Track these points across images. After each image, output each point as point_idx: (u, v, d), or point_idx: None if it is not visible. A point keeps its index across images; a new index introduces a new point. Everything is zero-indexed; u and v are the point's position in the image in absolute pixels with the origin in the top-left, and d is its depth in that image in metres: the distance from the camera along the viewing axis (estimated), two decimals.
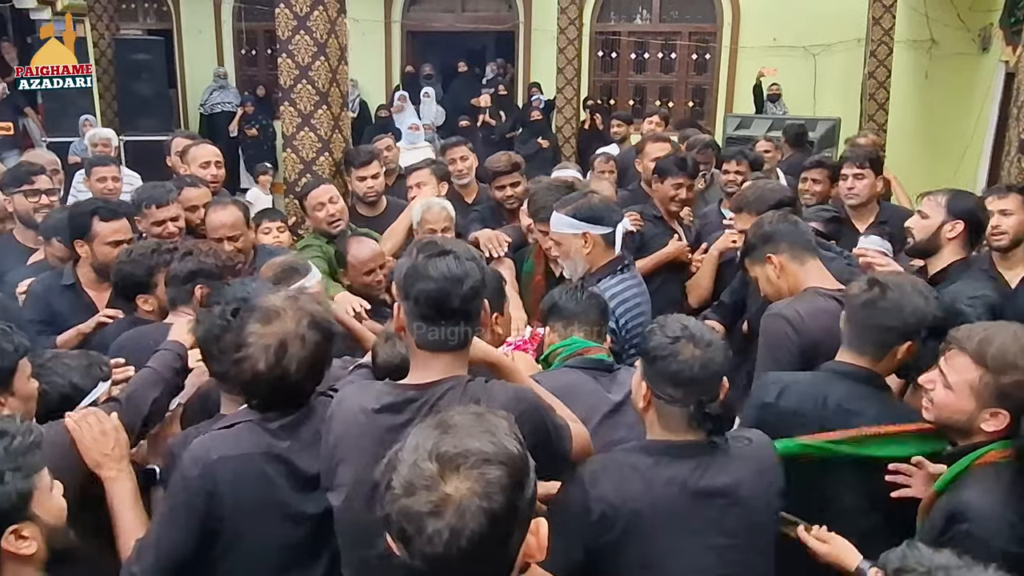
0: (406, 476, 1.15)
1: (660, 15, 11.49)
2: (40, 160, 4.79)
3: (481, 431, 1.19)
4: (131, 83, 10.91)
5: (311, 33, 4.29)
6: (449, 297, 1.71)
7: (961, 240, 2.91)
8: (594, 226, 2.83)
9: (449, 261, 1.72)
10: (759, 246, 2.77)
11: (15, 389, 1.96)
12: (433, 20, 12.28)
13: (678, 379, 1.84)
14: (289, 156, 4.49)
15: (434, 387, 1.73)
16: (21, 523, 1.46)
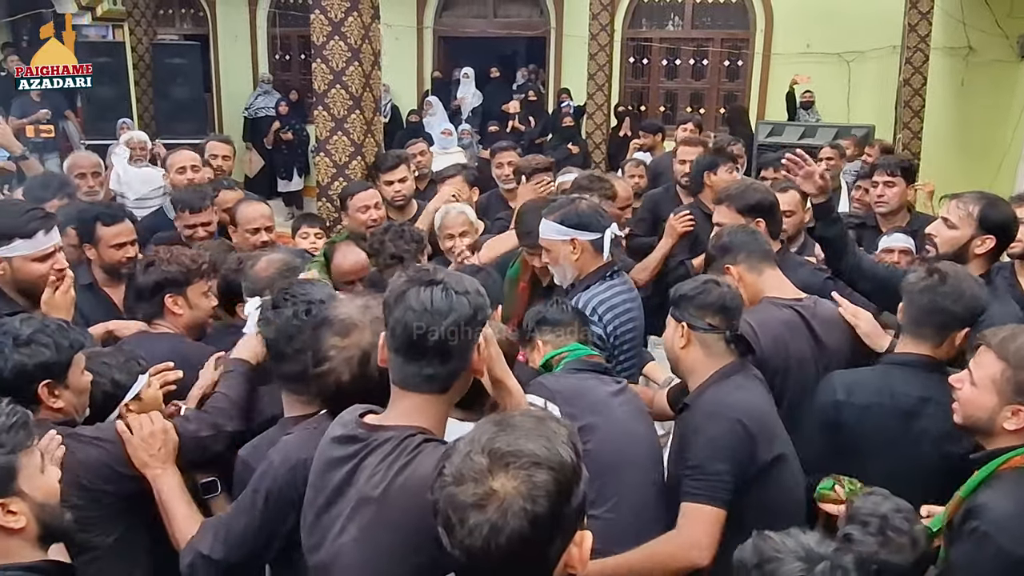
0: (458, 465, 1.18)
1: (692, 21, 11.45)
2: (84, 162, 4.91)
3: (538, 435, 1.19)
4: (168, 87, 11.11)
5: (345, 38, 4.34)
6: (425, 332, 1.55)
7: (988, 255, 2.72)
8: (582, 232, 2.81)
9: (435, 292, 1.57)
10: (717, 257, 2.82)
11: (70, 382, 2.04)
12: (465, 25, 12.34)
13: (716, 307, 2.26)
14: (322, 160, 4.54)
15: (379, 433, 1.59)
16: (7, 498, 1.54)
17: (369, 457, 1.55)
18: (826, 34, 10.36)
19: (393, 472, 1.51)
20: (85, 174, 4.80)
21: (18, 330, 2.00)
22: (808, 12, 10.46)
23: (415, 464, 1.51)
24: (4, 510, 1.53)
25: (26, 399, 1.91)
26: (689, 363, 2.32)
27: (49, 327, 2.04)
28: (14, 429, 1.56)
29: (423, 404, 1.60)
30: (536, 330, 2.53)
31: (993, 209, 2.70)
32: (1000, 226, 2.69)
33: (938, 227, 2.77)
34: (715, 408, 2.20)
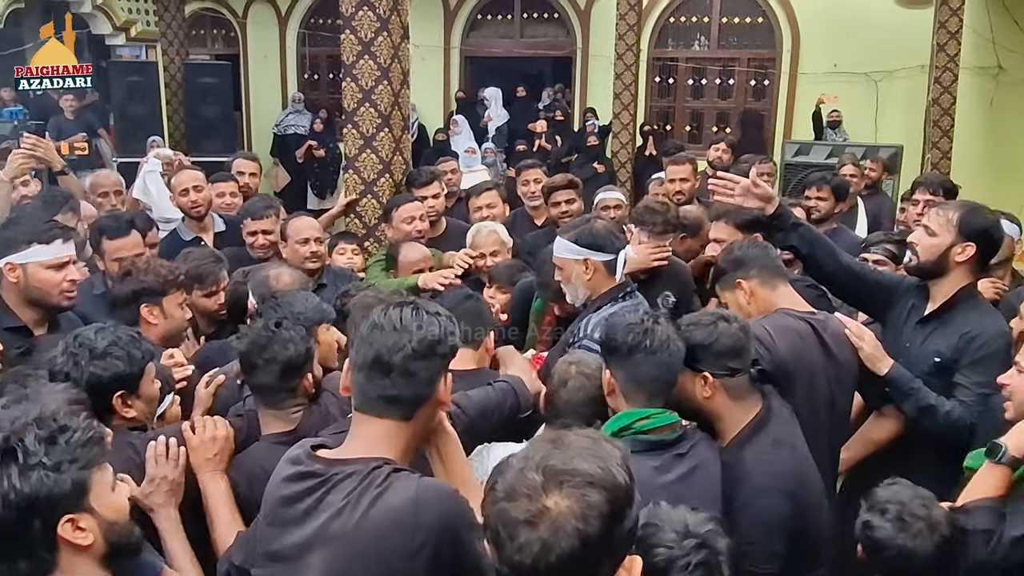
0: (511, 482, 1.16)
1: (718, 41, 11.47)
2: (106, 181, 5.01)
3: (593, 455, 1.19)
4: (199, 106, 11.27)
5: (375, 58, 4.39)
6: (388, 349, 1.54)
7: (971, 264, 2.64)
8: (596, 252, 2.79)
9: (404, 311, 1.57)
10: (729, 271, 2.74)
11: (142, 392, 2.12)
12: (491, 45, 12.44)
13: (735, 350, 2.16)
14: (351, 177, 4.58)
15: (339, 467, 1.54)
16: (77, 513, 1.50)
17: (331, 494, 1.51)
18: (853, 54, 10.33)
19: (363, 507, 1.48)
20: (107, 192, 4.89)
21: (93, 342, 2.05)
22: (835, 32, 10.44)
23: (387, 496, 1.48)
24: (73, 526, 1.51)
25: (100, 409, 2.02)
26: (717, 411, 2.22)
27: (122, 339, 2.10)
28: (89, 444, 1.53)
29: (385, 432, 1.57)
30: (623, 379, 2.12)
31: (973, 216, 2.64)
32: (980, 233, 2.62)
33: (919, 235, 2.72)
34: (761, 480, 2.10)
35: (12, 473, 1.45)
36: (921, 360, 2.68)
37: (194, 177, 4.45)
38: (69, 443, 1.50)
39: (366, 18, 4.35)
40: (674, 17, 11.53)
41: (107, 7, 11.38)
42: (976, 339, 2.55)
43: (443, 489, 1.56)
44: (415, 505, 1.47)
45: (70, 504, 1.49)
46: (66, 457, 1.49)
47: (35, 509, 1.46)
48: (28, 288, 2.70)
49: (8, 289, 2.72)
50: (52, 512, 1.47)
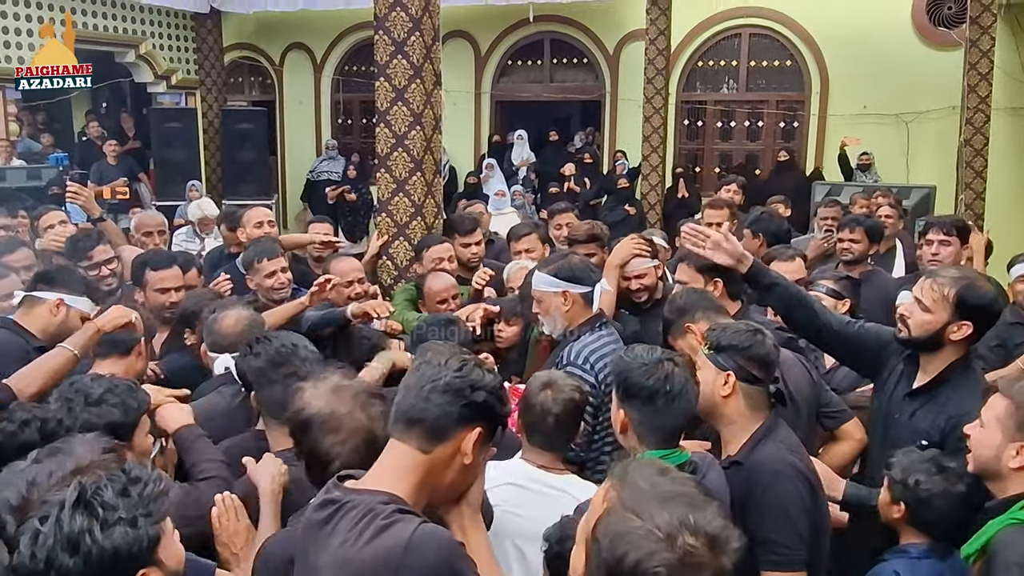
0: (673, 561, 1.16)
1: (747, 84, 11.55)
2: (151, 222, 5.14)
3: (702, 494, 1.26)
4: (235, 151, 11.56)
5: (408, 104, 4.49)
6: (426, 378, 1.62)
7: (966, 340, 2.47)
8: (574, 285, 2.96)
9: (456, 357, 1.66)
10: (676, 320, 2.87)
11: (135, 443, 2.11)
12: (521, 90, 12.63)
13: (765, 361, 2.27)
14: (384, 220, 4.66)
15: (354, 495, 1.59)
16: (148, 568, 1.47)
17: (342, 522, 1.56)
18: (883, 95, 10.35)
19: (364, 539, 1.50)
20: (151, 232, 5.03)
21: (89, 388, 2.06)
22: (864, 74, 10.48)
23: (386, 533, 1.50)
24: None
25: None
26: (729, 413, 2.29)
27: (118, 387, 2.11)
28: (160, 497, 1.50)
29: (402, 459, 1.60)
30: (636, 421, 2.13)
31: (971, 292, 2.44)
32: (979, 311, 2.44)
33: (911, 307, 2.53)
34: (778, 466, 2.18)
35: (94, 529, 1.41)
36: (909, 435, 2.55)
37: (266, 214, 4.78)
38: (143, 496, 1.47)
39: (400, 66, 4.47)
40: (702, 61, 11.64)
41: (150, 57, 11.76)
42: (959, 426, 2.30)
43: (441, 537, 1.55)
44: (405, 550, 1.48)
45: (145, 559, 1.46)
46: (140, 511, 1.46)
47: (116, 566, 1.42)
48: (61, 325, 3.04)
49: (39, 318, 3.06)
50: (131, 568, 1.44)
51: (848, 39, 10.50)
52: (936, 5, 10.19)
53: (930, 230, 4.26)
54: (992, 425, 2.02)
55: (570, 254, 3.18)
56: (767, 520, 2.12)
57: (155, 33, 11.82)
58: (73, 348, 2.73)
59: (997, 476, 2.03)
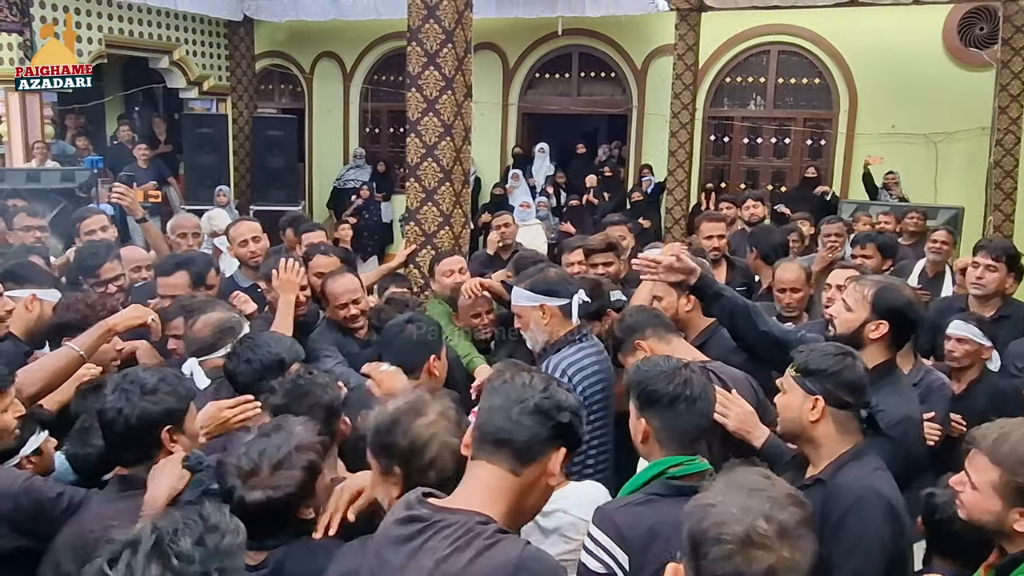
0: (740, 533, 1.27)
1: (774, 101, 11.54)
2: (187, 224, 5.23)
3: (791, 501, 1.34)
4: (264, 157, 11.70)
5: (439, 115, 4.55)
6: (512, 400, 1.65)
7: (885, 341, 2.62)
8: (551, 298, 2.94)
9: (539, 378, 1.70)
10: (626, 338, 2.90)
11: (186, 428, 2.20)
12: (548, 103, 12.70)
13: (856, 385, 2.21)
14: (412, 229, 4.72)
15: (445, 514, 1.58)
16: None
17: (432, 540, 1.55)
18: (912, 115, 10.31)
19: (470, 555, 1.50)
20: (186, 234, 5.11)
21: (144, 379, 2.13)
22: (893, 93, 10.45)
23: (494, 551, 1.51)
24: None
25: (148, 446, 2.11)
26: (818, 437, 2.24)
27: (168, 377, 2.18)
28: (237, 553, 1.38)
29: (492, 481, 1.61)
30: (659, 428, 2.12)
31: (887, 293, 2.62)
32: (893, 311, 2.60)
33: (837, 308, 2.73)
34: (861, 491, 2.10)
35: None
36: None
37: (252, 228, 4.63)
38: (219, 548, 1.35)
39: (432, 77, 4.53)
40: (730, 77, 11.65)
41: (183, 63, 11.96)
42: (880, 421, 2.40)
43: (547, 559, 1.58)
44: (516, 569, 1.49)
45: None
46: (215, 565, 1.33)
47: None
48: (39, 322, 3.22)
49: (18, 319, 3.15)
50: None
51: (877, 58, 10.48)
52: (968, 25, 10.14)
53: (978, 253, 4.22)
54: (987, 492, 1.97)
55: (547, 267, 3.15)
56: (841, 544, 2.05)
57: (189, 40, 12.02)
58: (80, 348, 2.71)
59: (1001, 534, 2.00)
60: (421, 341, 2.82)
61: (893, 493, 2.15)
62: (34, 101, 9.87)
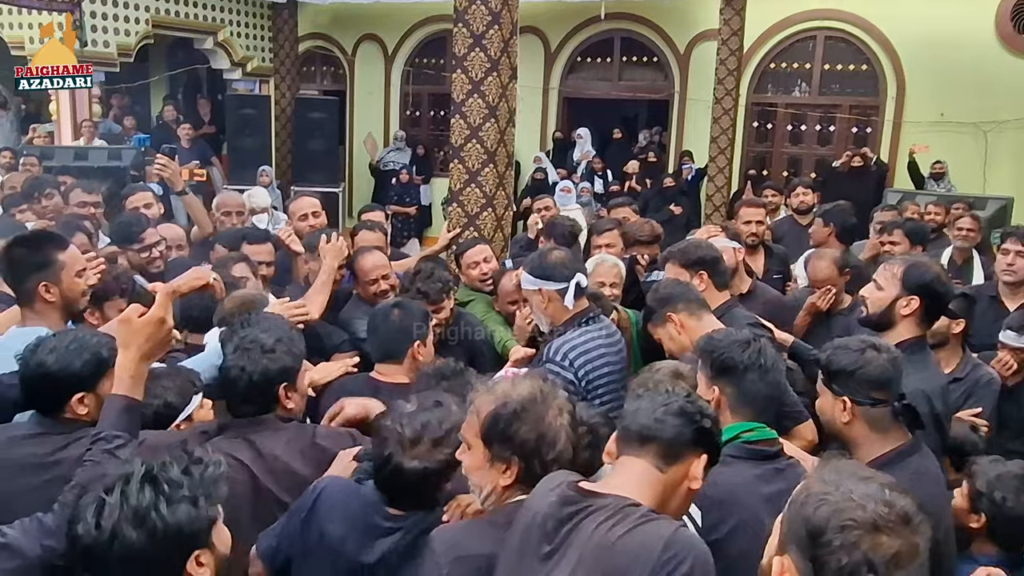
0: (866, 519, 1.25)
1: (820, 88, 11.40)
2: (231, 202, 5.33)
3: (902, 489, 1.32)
4: (306, 139, 11.83)
5: (484, 97, 4.60)
6: (656, 404, 1.72)
7: (916, 317, 2.69)
8: (546, 282, 2.96)
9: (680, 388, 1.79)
10: (657, 309, 2.95)
11: (299, 386, 2.35)
12: (589, 88, 12.66)
13: (880, 381, 2.17)
14: (455, 210, 4.77)
15: (597, 499, 1.66)
16: (203, 549, 1.50)
17: (586, 520, 1.63)
18: (961, 103, 10.12)
19: (619, 533, 1.58)
20: (231, 212, 5.22)
21: (263, 339, 2.27)
22: (943, 81, 10.27)
23: (645, 527, 1.58)
24: (196, 561, 1.49)
25: (268, 400, 2.27)
26: (855, 437, 2.24)
27: (283, 337, 2.31)
28: (220, 480, 1.54)
29: (640, 475, 1.68)
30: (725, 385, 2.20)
31: (916, 269, 2.71)
32: (923, 287, 2.67)
33: (869, 289, 2.82)
34: None
35: (160, 504, 1.44)
36: None
37: (312, 204, 4.73)
38: (204, 477, 1.51)
39: (477, 59, 4.57)
40: (775, 63, 11.53)
41: (227, 44, 12.11)
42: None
43: (698, 543, 1.62)
44: (666, 546, 1.55)
45: (202, 539, 1.50)
46: (201, 491, 1.50)
47: (177, 543, 1.45)
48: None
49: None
50: (189, 547, 1.47)
51: (927, 44, 10.30)
52: (1021, 12, 9.93)
53: (1008, 239, 4.20)
54: None
55: (549, 251, 3.16)
56: None
57: (233, 21, 12.17)
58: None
59: None
60: (405, 327, 2.86)
61: (932, 502, 2.08)
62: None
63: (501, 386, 1.86)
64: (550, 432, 1.80)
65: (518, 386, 1.85)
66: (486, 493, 1.84)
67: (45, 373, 2.09)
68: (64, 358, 2.10)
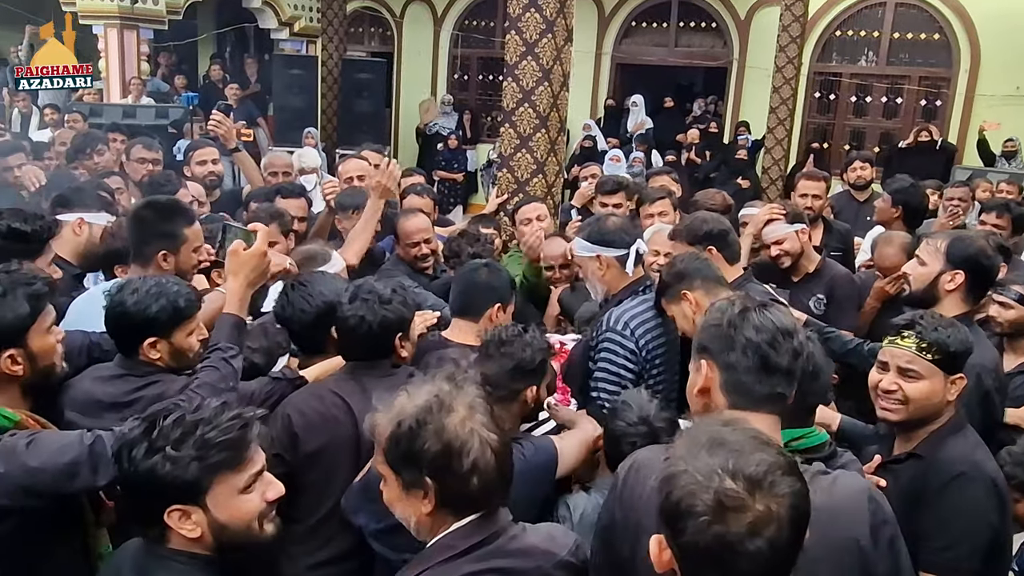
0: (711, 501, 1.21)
1: (888, 57, 11.02)
2: (279, 162, 5.33)
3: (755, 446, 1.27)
4: (352, 100, 11.81)
5: (538, 59, 4.49)
6: (777, 348, 1.62)
7: (961, 292, 2.72)
8: (606, 248, 2.89)
9: (775, 314, 1.66)
10: (673, 284, 2.80)
11: (410, 336, 2.46)
12: (644, 53, 12.41)
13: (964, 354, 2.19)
14: (504, 176, 4.69)
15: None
16: (189, 506, 1.56)
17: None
18: None
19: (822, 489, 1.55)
20: (278, 172, 5.21)
21: (380, 291, 2.38)
22: (1020, 53, 9.85)
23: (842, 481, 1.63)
24: (182, 516, 1.57)
25: (385, 349, 2.39)
26: (946, 412, 2.21)
27: (399, 288, 2.43)
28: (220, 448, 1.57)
29: (772, 426, 1.62)
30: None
31: (960, 243, 2.75)
32: (967, 260, 2.71)
33: (912, 265, 2.86)
34: (963, 467, 2.08)
35: (139, 451, 1.55)
36: None
37: (360, 167, 4.68)
38: (202, 440, 1.55)
39: (532, 20, 4.46)
40: (840, 30, 11.17)
41: (275, 3, 12.10)
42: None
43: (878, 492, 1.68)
44: (868, 497, 1.61)
45: (181, 496, 1.55)
46: (191, 453, 1.54)
47: (148, 491, 1.56)
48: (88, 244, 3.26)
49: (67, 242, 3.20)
50: (161, 497, 1.56)
51: (1006, 14, 9.88)
52: None
53: None
54: None
55: (606, 216, 3.08)
56: (938, 521, 2.04)
57: None
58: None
59: None
60: (490, 286, 2.84)
61: (996, 472, 2.13)
62: (131, 38, 10.16)
63: (398, 401, 1.62)
64: (457, 441, 1.55)
65: (413, 397, 1.61)
66: (413, 527, 1.62)
67: (123, 312, 2.25)
68: (143, 301, 2.25)
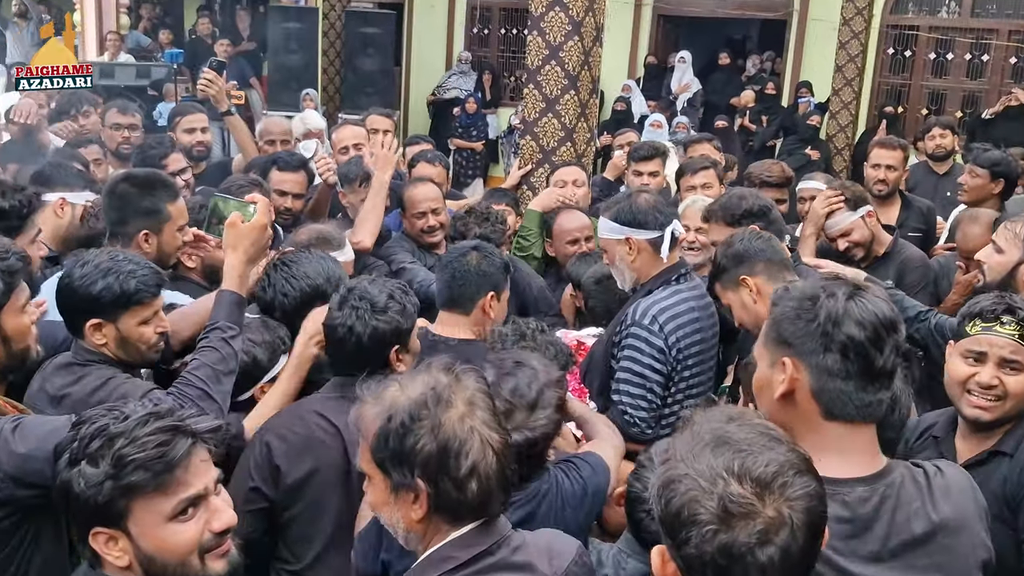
0: (715, 507, 1.22)
1: (972, 8, 10.86)
2: (275, 128, 5.33)
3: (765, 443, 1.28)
4: (357, 58, 11.79)
5: (567, 10, 4.46)
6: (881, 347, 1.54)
7: None
8: (637, 231, 2.86)
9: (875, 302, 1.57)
10: (731, 268, 2.74)
11: (410, 347, 2.39)
12: (691, 4, 12.30)
13: None
14: (527, 144, 4.68)
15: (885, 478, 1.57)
16: (111, 530, 1.55)
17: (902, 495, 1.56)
18: None
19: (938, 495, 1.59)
20: (275, 140, 5.20)
21: (375, 297, 2.29)
22: None
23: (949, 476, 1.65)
24: (106, 539, 1.56)
25: (377, 363, 2.27)
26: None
27: (395, 292, 2.35)
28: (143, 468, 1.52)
29: (873, 439, 1.59)
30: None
31: None
32: None
33: (987, 252, 2.90)
34: None
35: (62, 461, 1.56)
36: None
37: (356, 135, 4.68)
38: (117, 456, 1.52)
39: None
40: None
41: None
42: None
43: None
44: (973, 487, 1.67)
45: (99, 519, 1.54)
46: (107, 470, 1.51)
47: (69, 508, 1.56)
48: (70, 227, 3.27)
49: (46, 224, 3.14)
50: (81, 516, 1.55)
51: None
52: None
53: None
54: None
55: (636, 193, 3.03)
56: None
57: None
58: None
59: None
60: (482, 273, 2.77)
61: None
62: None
63: (388, 393, 1.62)
64: (454, 440, 1.55)
65: (407, 389, 1.61)
66: (402, 534, 1.62)
67: (68, 286, 2.24)
68: (89, 276, 2.23)
